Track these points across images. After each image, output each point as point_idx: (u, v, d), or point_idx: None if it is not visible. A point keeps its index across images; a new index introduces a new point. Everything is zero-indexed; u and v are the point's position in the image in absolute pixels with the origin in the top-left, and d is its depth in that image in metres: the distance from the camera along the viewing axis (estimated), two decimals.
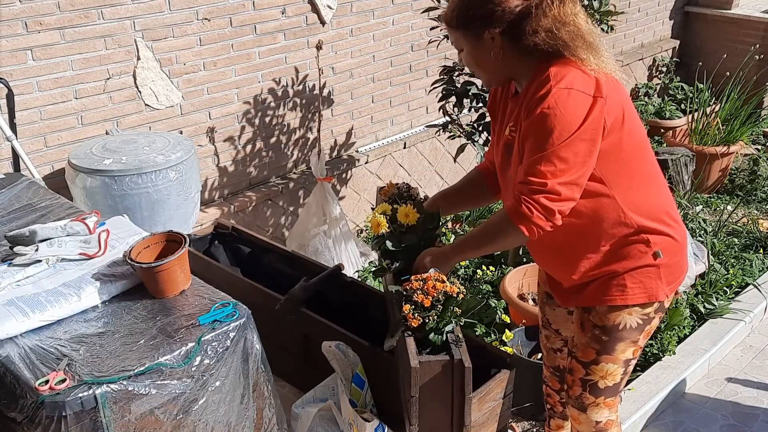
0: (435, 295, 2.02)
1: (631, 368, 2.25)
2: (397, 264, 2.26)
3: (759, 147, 5.71)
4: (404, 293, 2.05)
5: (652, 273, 2.09)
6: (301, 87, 4.17)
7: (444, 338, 2.06)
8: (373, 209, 2.32)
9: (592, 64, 1.90)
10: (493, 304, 3.56)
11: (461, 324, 2.16)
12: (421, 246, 2.25)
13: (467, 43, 2.01)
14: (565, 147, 1.84)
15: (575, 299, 2.20)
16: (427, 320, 2.02)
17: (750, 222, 4.61)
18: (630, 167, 2.02)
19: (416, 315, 2.01)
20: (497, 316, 3.50)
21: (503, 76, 2.06)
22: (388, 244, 2.25)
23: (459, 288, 2.04)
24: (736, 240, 4.34)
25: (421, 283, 2.05)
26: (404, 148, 4.74)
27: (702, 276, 3.89)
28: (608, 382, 2.22)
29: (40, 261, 2.07)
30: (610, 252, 2.08)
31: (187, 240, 2.06)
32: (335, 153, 4.49)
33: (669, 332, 3.49)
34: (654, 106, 6.10)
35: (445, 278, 2.07)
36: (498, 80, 2.09)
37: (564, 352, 2.48)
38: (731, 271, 4.00)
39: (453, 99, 3.80)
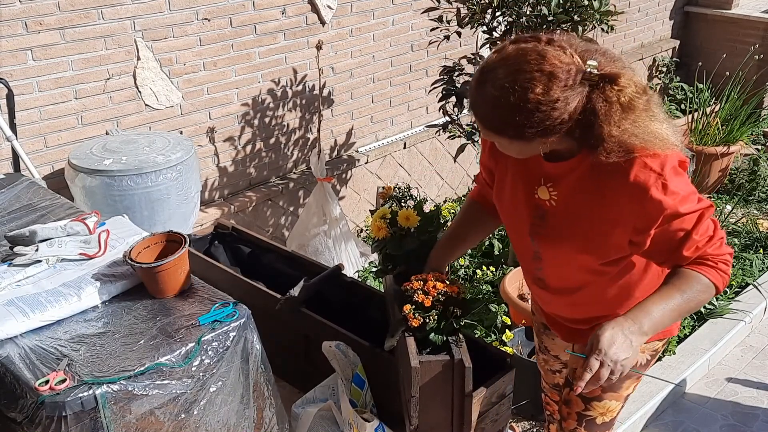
0: (435, 295, 2.02)
1: (626, 402, 2.16)
2: (399, 268, 2.26)
3: (759, 147, 5.71)
4: (405, 293, 2.06)
5: None
6: (301, 87, 4.17)
7: (444, 338, 2.06)
8: (372, 212, 2.32)
9: (666, 151, 1.70)
10: (494, 309, 3.55)
11: (461, 325, 2.16)
12: (422, 248, 2.24)
13: (511, 144, 1.72)
14: (697, 213, 1.72)
15: (586, 337, 1.94)
16: (427, 320, 2.02)
17: (750, 222, 4.61)
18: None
19: (417, 315, 2.01)
20: (498, 319, 3.49)
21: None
22: (389, 248, 2.25)
23: (459, 288, 2.04)
24: (736, 240, 4.34)
25: (422, 283, 2.05)
26: (404, 148, 4.74)
27: None
28: (606, 418, 2.13)
29: (40, 261, 2.07)
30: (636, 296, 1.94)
31: (187, 240, 2.06)
32: (335, 153, 4.49)
33: None
34: None
35: (445, 278, 2.07)
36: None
37: (563, 373, 2.35)
38: (731, 271, 4.00)
39: (453, 99, 3.80)
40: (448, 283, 2.05)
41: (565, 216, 1.84)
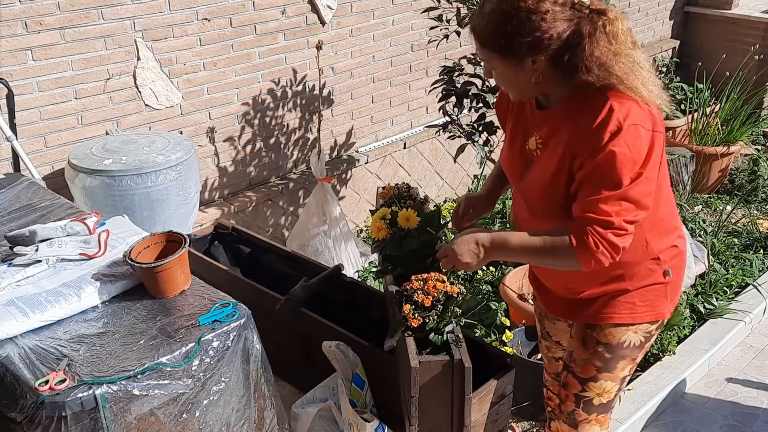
0: (435, 295, 2.02)
1: (625, 384, 2.21)
2: (399, 269, 2.26)
3: (759, 147, 5.71)
4: (404, 293, 2.06)
5: (660, 291, 2.07)
6: (301, 87, 4.17)
7: (444, 338, 2.06)
8: (372, 212, 2.32)
9: (646, 97, 1.81)
10: (494, 307, 3.55)
11: (461, 324, 2.16)
12: (422, 249, 2.25)
13: (503, 65, 1.86)
14: (633, 188, 1.78)
15: (579, 315, 2.14)
16: (427, 320, 2.02)
17: (750, 222, 4.61)
18: (658, 194, 1.96)
19: (416, 315, 2.01)
20: (498, 318, 3.50)
21: (536, 94, 1.96)
22: (390, 249, 2.25)
23: (459, 288, 2.04)
24: (735, 240, 4.34)
25: (422, 283, 2.05)
26: (404, 148, 4.74)
27: (702, 276, 3.89)
28: (603, 399, 2.18)
29: (40, 261, 2.07)
30: (624, 272, 2.03)
31: (187, 240, 2.06)
32: (335, 153, 4.49)
33: (669, 332, 3.49)
34: None
35: (445, 278, 2.07)
36: (529, 97, 1.98)
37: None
38: (731, 272, 4.00)
39: (453, 99, 3.80)
40: (448, 283, 2.06)
41: (541, 162, 1.94)
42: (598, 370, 2.14)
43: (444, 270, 2.11)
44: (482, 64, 1.97)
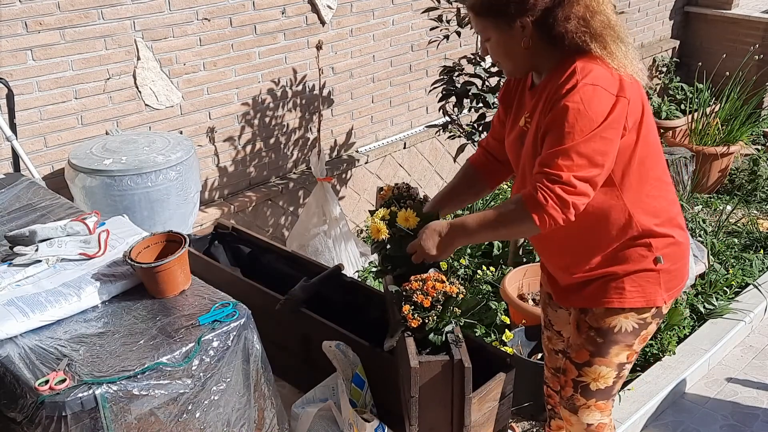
0: (435, 295, 2.02)
1: (625, 372, 2.24)
2: (399, 269, 2.26)
3: (759, 147, 5.71)
4: (404, 293, 2.05)
5: (652, 278, 2.09)
6: (301, 87, 4.17)
7: (444, 338, 2.06)
8: (371, 213, 2.32)
9: (619, 59, 1.90)
10: (494, 306, 3.56)
11: (461, 324, 2.16)
12: None
13: (496, 31, 1.98)
14: (585, 143, 1.83)
15: (573, 299, 2.20)
16: (426, 320, 2.02)
17: (750, 222, 4.61)
18: (641, 169, 2.00)
19: (416, 315, 2.01)
20: (497, 317, 3.50)
21: (528, 66, 2.04)
22: (389, 250, 2.25)
23: (458, 288, 2.04)
24: (735, 240, 4.34)
25: (421, 283, 2.05)
26: (404, 148, 4.74)
27: (702, 276, 3.89)
28: (600, 385, 2.21)
29: (40, 261, 2.07)
30: (612, 253, 2.08)
31: (187, 240, 2.06)
32: (335, 153, 4.49)
33: (669, 332, 3.50)
34: (654, 106, 6.10)
35: (444, 278, 2.07)
36: (522, 70, 2.07)
37: None
38: (731, 271, 4.00)
39: (453, 99, 3.80)
40: (447, 283, 2.06)
41: (529, 134, 2.01)
42: (591, 354, 2.18)
43: (416, 263, 2.15)
44: (478, 42, 2.07)
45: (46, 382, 1.68)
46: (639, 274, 2.08)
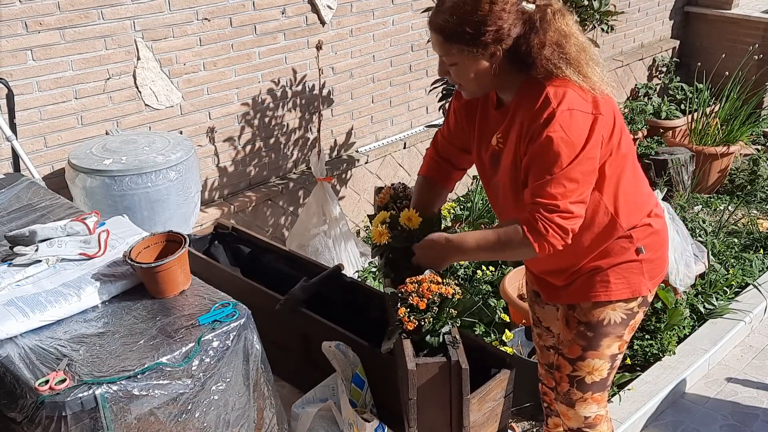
0: (430, 297, 2.01)
1: (617, 363, 2.29)
2: (406, 272, 2.25)
3: (759, 147, 5.71)
4: (399, 296, 2.05)
5: (635, 268, 2.14)
6: (300, 87, 4.17)
7: (441, 340, 2.06)
8: (370, 216, 2.31)
9: (593, 82, 1.90)
10: (493, 304, 3.56)
11: (459, 324, 2.16)
12: None
13: (463, 57, 1.94)
14: (572, 168, 1.87)
15: (560, 296, 2.24)
16: (423, 323, 2.01)
17: (750, 222, 4.61)
18: (618, 172, 2.05)
19: (412, 318, 2.01)
20: (497, 315, 3.50)
21: (491, 88, 2.04)
22: (396, 244, 2.24)
23: (454, 289, 2.04)
24: (735, 240, 4.34)
25: (416, 285, 2.04)
26: (404, 148, 4.74)
27: (702, 276, 3.89)
28: (595, 378, 2.25)
29: (40, 261, 2.07)
30: (596, 249, 2.12)
31: (187, 240, 2.06)
32: (335, 153, 4.49)
33: (669, 332, 3.50)
34: (654, 106, 6.10)
35: (440, 279, 2.06)
36: (485, 91, 2.07)
37: None
38: (731, 271, 4.00)
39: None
40: (443, 284, 2.05)
41: (504, 155, 2.04)
42: (583, 349, 2.22)
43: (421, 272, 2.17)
44: (438, 62, 2.05)
45: (46, 382, 1.68)
46: (622, 265, 2.12)
